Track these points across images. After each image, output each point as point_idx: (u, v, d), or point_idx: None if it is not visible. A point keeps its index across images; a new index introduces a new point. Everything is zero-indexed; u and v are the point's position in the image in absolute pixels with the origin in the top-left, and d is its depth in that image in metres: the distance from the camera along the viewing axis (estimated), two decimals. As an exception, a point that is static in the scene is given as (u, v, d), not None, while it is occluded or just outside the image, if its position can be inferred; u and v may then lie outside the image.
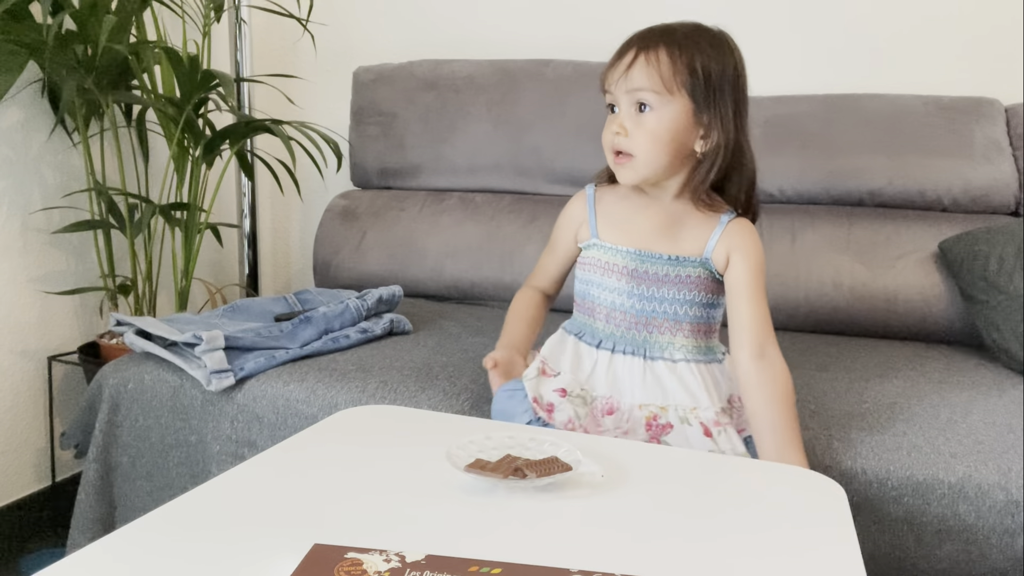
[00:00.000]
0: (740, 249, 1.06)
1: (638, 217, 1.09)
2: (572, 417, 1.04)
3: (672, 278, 1.06)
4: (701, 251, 1.06)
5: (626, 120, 1.04)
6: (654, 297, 1.07)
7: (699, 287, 1.07)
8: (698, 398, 1.04)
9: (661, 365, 1.06)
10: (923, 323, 1.58)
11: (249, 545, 0.64)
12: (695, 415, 1.03)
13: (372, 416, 0.97)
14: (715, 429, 1.02)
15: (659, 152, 1.03)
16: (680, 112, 1.02)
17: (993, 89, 1.74)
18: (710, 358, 1.08)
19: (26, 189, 1.67)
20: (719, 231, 1.06)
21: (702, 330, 1.08)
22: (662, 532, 0.68)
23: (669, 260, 1.06)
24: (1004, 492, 1.00)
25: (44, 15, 1.43)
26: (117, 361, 1.38)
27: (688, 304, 1.06)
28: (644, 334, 1.07)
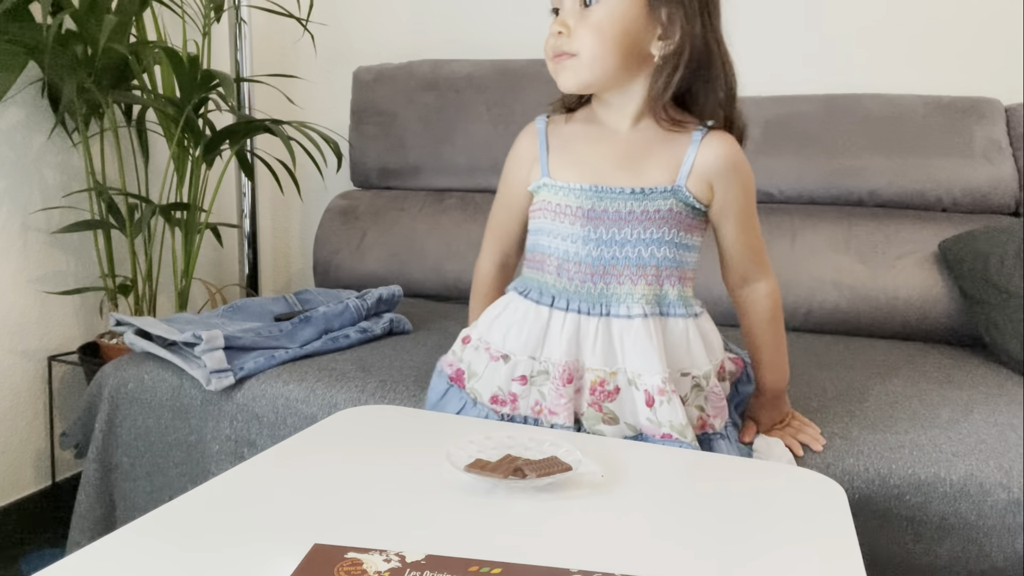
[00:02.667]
0: (723, 175, 0.93)
1: (595, 149, 0.96)
2: (539, 399, 0.96)
3: (637, 215, 0.93)
4: (672, 179, 0.92)
5: (569, 17, 0.90)
6: (614, 241, 0.93)
7: (669, 223, 0.93)
8: (648, 362, 0.92)
9: (616, 324, 0.93)
10: (923, 323, 1.58)
11: (249, 545, 0.64)
12: (642, 380, 0.92)
13: (372, 416, 0.97)
14: (659, 398, 0.92)
15: (606, 51, 0.89)
16: (632, 3, 0.88)
17: (993, 89, 1.74)
18: (672, 312, 0.95)
19: (26, 189, 1.67)
20: (692, 151, 0.93)
21: (673, 275, 0.95)
22: (662, 532, 0.68)
23: (632, 194, 0.92)
24: (1006, 491, 1.00)
25: (44, 15, 1.43)
26: (117, 361, 1.38)
27: (655, 244, 0.93)
28: (600, 286, 0.94)
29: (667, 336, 0.95)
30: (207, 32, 1.78)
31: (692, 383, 0.95)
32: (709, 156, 0.93)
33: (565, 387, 0.94)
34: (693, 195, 0.93)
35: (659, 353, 0.92)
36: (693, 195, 0.93)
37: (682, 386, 0.95)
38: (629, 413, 0.94)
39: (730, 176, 0.95)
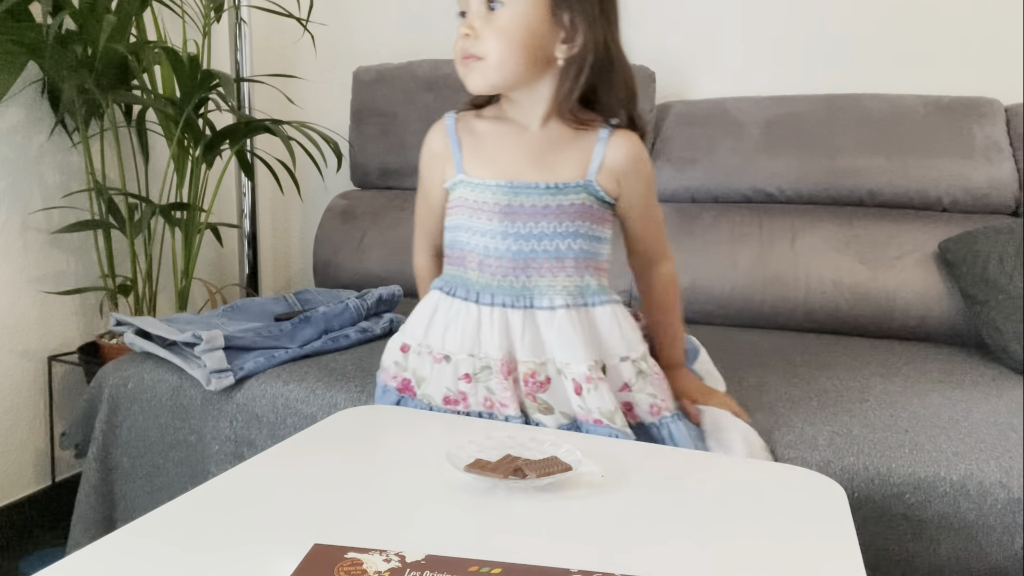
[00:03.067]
0: (629, 171, 0.97)
1: (507, 147, 0.98)
2: (487, 394, 0.98)
3: (552, 209, 0.95)
4: (583, 174, 0.96)
5: (475, 20, 0.92)
6: (531, 234, 0.96)
7: (582, 216, 0.96)
8: (573, 351, 0.95)
9: (540, 315, 0.96)
10: (923, 323, 1.58)
11: (249, 545, 0.64)
12: (569, 369, 0.95)
13: (372, 416, 0.97)
14: (586, 386, 0.95)
15: (512, 54, 0.92)
16: (535, 8, 0.91)
17: (993, 89, 1.74)
18: (596, 301, 0.98)
19: (26, 189, 1.67)
20: (600, 149, 0.96)
21: (591, 267, 0.98)
22: (662, 532, 0.68)
23: (547, 188, 0.95)
24: (1006, 491, 1.00)
25: (44, 15, 1.43)
26: (117, 361, 1.38)
27: (571, 237, 0.96)
28: (522, 279, 0.96)
29: (595, 325, 0.98)
30: (207, 32, 1.78)
31: (635, 368, 0.98)
32: (617, 154, 0.97)
33: (507, 379, 0.96)
34: (603, 189, 0.97)
35: (583, 342, 0.95)
36: (603, 189, 0.97)
37: (625, 372, 0.98)
38: (562, 402, 0.97)
39: (635, 172, 0.99)
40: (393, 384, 1.06)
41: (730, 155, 1.77)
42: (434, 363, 1.00)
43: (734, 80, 1.92)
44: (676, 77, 1.95)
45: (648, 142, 1.84)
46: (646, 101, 1.83)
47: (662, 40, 1.95)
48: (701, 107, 1.85)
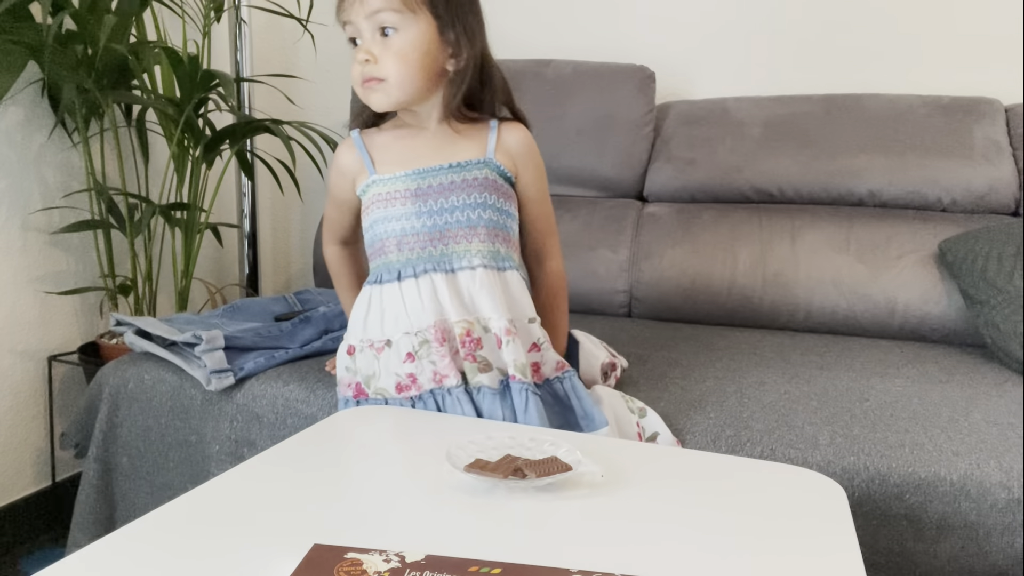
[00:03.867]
0: (522, 155, 1.09)
1: (411, 145, 1.08)
2: (433, 369, 1.03)
3: (458, 184, 1.05)
4: (483, 153, 1.07)
5: (372, 47, 1.01)
6: (443, 209, 1.05)
7: (487, 188, 1.06)
8: (494, 307, 1.04)
9: (463, 276, 1.04)
10: (923, 323, 1.58)
11: (249, 545, 0.64)
12: (491, 323, 1.04)
13: (372, 416, 0.97)
14: (505, 338, 1.03)
15: (411, 73, 1.02)
16: (425, 31, 1.01)
17: (993, 89, 1.74)
18: (507, 265, 1.07)
19: (26, 189, 1.67)
20: (494, 134, 1.08)
21: (500, 237, 1.07)
22: (662, 532, 0.68)
23: (452, 167, 1.06)
24: (1006, 490, 1.00)
25: (44, 15, 1.43)
26: (117, 361, 1.38)
27: (480, 208, 1.05)
28: (440, 248, 1.05)
29: (508, 286, 1.06)
30: (207, 32, 1.78)
31: (541, 331, 1.08)
32: (510, 138, 1.08)
33: (441, 347, 1.03)
34: (503, 165, 1.08)
35: (502, 299, 1.04)
36: (503, 165, 1.08)
37: (535, 332, 1.07)
38: (495, 357, 1.04)
39: (527, 157, 1.10)
40: (349, 393, 1.09)
41: (730, 155, 1.77)
42: (377, 354, 1.06)
43: (734, 80, 1.92)
44: (676, 77, 1.95)
45: (648, 142, 1.84)
46: (646, 101, 1.83)
47: (662, 40, 1.95)
48: (701, 107, 1.85)
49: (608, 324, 1.63)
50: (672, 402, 1.18)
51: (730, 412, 1.15)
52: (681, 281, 1.68)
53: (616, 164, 1.83)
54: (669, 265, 1.70)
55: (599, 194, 1.87)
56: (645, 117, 1.83)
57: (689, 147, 1.80)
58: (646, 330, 1.59)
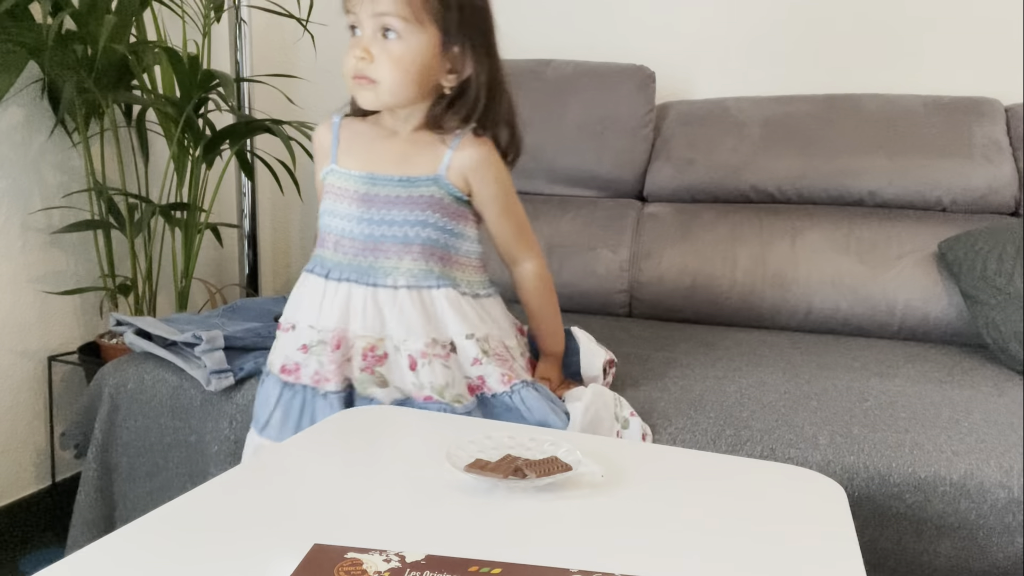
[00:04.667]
0: (476, 172, 1.06)
1: (376, 146, 1.08)
2: (317, 368, 1.06)
3: (403, 199, 1.05)
4: (435, 170, 1.05)
5: (371, 45, 1.00)
6: (383, 220, 1.05)
7: (432, 207, 1.05)
8: (411, 328, 1.04)
9: (383, 293, 1.05)
10: (923, 323, 1.58)
11: (249, 545, 0.64)
12: (406, 346, 1.04)
13: (372, 416, 0.97)
14: (420, 360, 1.03)
15: (405, 83, 1.01)
16: (428, 43, 1.01)
17: (993, 89, 1.74)
18: (439, 284, 1.06)
19: (26, 189, 1.67)
20: (450, 152, 1.05)
21: (436, 255, 1.06)
22: (662, 532, 0.68)
23: (400, 181, 1.05)
24: (1006, 490, 1.00)
25: (44, 15, 1.43)
26: (117, 361, 1.38)
27: (420, 226, 1.05)
28: (370, 259, 1.06)
29: (434, 305, 1.06)
30: (207, 32, 1.78)
31: (479, 347, 1.07)
32: (462, 156, 1.06)
33: (334, 353, 1.05)
34: (453, 184, 1.06)
35: (422, 321, 1.05)
36: (453, 184, 1.06)
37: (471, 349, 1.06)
38: (397, 377, 1.05)
39: (482, 173, 1.07)
40: None
41: (730, 155, 1.77)
42: (282, 332, 1.11)
43: (734, 80, 1.92)
44: (676, 77, 1.95)
45: (648, 142, 1.84)
46: (646, 101, 1.83)
47: (662, 40, 1.95)
48: (701, 107, 1.85)
49: (608, 324, 1.63)
50: (672, 402, 1.18)
51: (730, 412, 1.15)
52: (681, 281, 1.68)
53: (616, 164, 1.83)
54: (669, 265, 1.70)
55: (599, 194, 1.87)
56: (645, 117, 1.83)
57: (689, 147, 1.80)
58: (646, 330, 1.59)
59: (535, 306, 1.17)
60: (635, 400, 1.18)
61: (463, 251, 1.10)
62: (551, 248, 1.75)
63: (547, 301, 1.17)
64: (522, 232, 1.14)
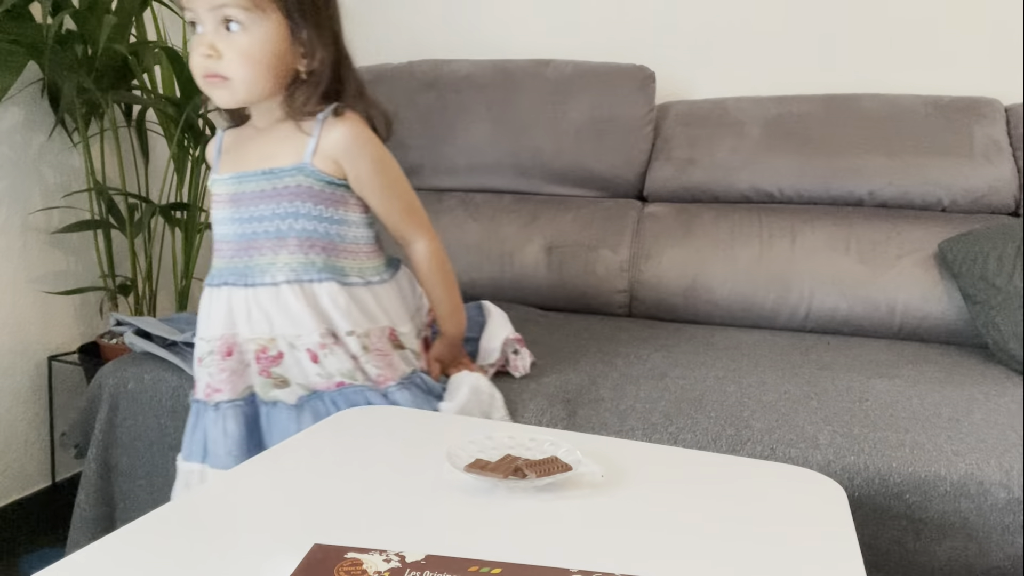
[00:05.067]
0: (346, 153, 1.02)
1: (248, 145, 1.06)
2: (208, 380, 1.05)
3: (269, 192, 1.02)
4: (299, 159, 1.01)
5: (216, 40, 0.96)
6: (253, 217, 1.03)
7: (302, 197, 1.02)
8: (301, 324, 1.02)
9: (263, 292, 1.02)
10: (923, 323, 1.58)
11: (249, 545, 0.64)
12: (300, 341, 1.02)
13: (372, 416, 0.97)
14: (321, 352, 1.02)
15: (259, 75, 0.97)
16: (276, 30, 0.97)
17: (993, 89, 1.74)
18: (321, 277, 1.03)
19: (26, 189, 1.67)
20: (315, 135, 1.01)
21: (318, 246, 1.03)
22: (662, 532, 0.68)
23: (264, 174, 1.02)
24: (1006, 490, 1.00)
25: (44, 15, 1.43)
26: (117, 361, 1.38)
27: (292, 217, 1.02)
28: (245, 259, 1.03)
29: (318, 300, 1.03)
30: (207, 32, 1.77)
31: (360, 343, 1.04)
32: (329, 137, 1.01)
33: (225, 360, 1.04)
34: (321, 170, 1.02)
35: (310, 313, 1.02)
36: (321, 170, 1.02)
37: (352, 346, 1.04)
38: (299, 374, 1.04)
39: (353, 153, 1.02)
40: None
41: (730, 155, 1.77)
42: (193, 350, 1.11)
43: (734, 80, 1.92)
44: (676, 77, 1.95)
45: (648, 142, 1.84)
46: (646, 101, 1.83)
47: (662, 40, 1.95)
48: (701, 107, 1.85)
49: (608, 324, 1.63)
50: (672, 402, 1.18)
51: (730, 412, 1.15)
52: (681, 281, 1.68)
53: (616, 164, 1.83)
54: (669, 265, 1.70)
55: (599, 194, 1.87)
56: (645, 117, 1.83)
57: (689, 147, 1.80)
58: (646, 330, 1.59)
59: (429, 287, 1.14)
60: (635, 400, 1.18)
61: (350, 238, 1.06)
62: (551, 248, 1.75)
63: (441, 281, 1.13)
64: (410, 210, 1.10)
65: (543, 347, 1.40)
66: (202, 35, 0.97)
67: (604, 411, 1.16)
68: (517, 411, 1.16)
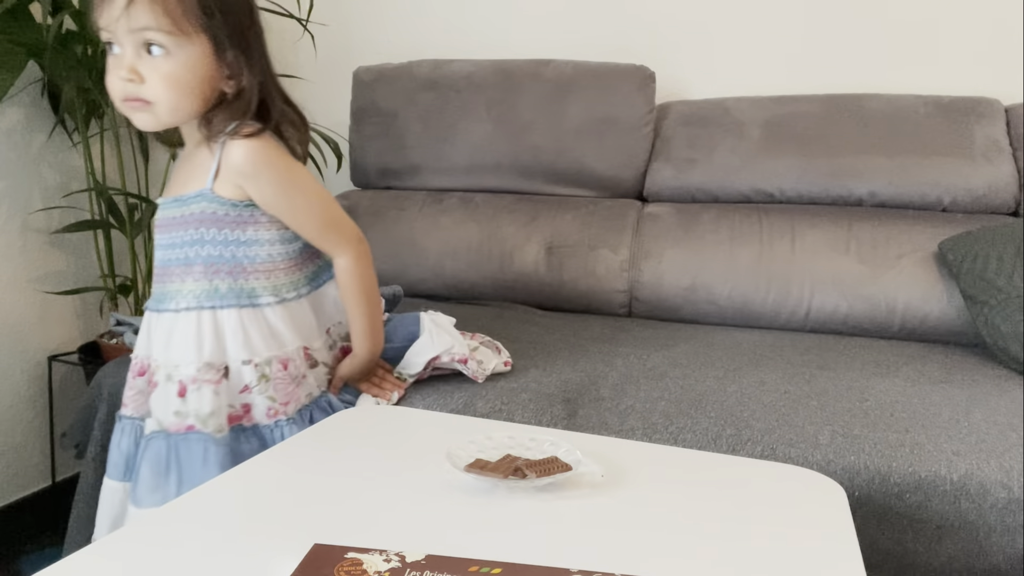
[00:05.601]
0: (247, 175, 0.99)
1: (177, 169, 1.06)
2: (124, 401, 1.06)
3: (178, 220, 1.02)
4: (202, 184, 1.00)
5: (137, 64, 0.93)
6: (169, 244, 1.03)
7: (205, 224, 1.00)
8: (182, 354, 1.00)
9: (165, 319, 1.02)
10: (923, 323, 1.58)
11: (249, 545, 0.64)
12: (178, 371, 1.00)
13: (372, 416, 0.97)
14: (191, 387, 0.99)
15: (184, 99, 0.96)
16: (200, 54, 0.95)
17: (993, 89, 1.74)
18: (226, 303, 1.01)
19: (26, 189, 1.67)
20: (216, 158, 0.99)
21: (223, 271, 1.01)
22: (662, 532, 0.68)
23: (174, 201, 1.02)
24: (1006, 490, 1.00)
25: (44, 15, 1.43)
26: (117, 361, 1.38)
27: (197, 244, 1.01)
28: (161, 286, 1.04)
29: (220, 327, 1.01)
30: (207, 32, 1.77)
31: (257, 372, 1.01)
32: (229, 162, 0.99)
33: (135, 379, 1.05)
34: (223, 195, 1.00)
35: (195, 345, 1.00)
36: (223, 195, 1.00)
37: (246, 375, 1.01)
38: (159, 407, 1.01)
39: (253, 174, 1.00)
40: None
41: (730, 155, 1.77)
42: None
43: (734, 80, 1.92)
44: (676, 77, 1.95)
45: (648, 142, 1.84)
46: (646, 101, 1.83)
47: (662, 40, 1.95)
48: (701, 107, 1.85)
49: (608, 324, 1.63)
50: (672, 402, 1.18)
51: (730, 412, 1.15)
52: (681, 281, 1.68)
53: (616, 164, 1.83)
54: (669, 265, 1.70)
55: (599, 194, 1.87)
56: (645, 117, 1.83)
57: (689, 147, 1.80)
58: (646, 330, 1.59)
59: (345, 305, 1.11)
60: (635, 400, 1.18)
61: (262, 258, 1.03)
62: (551, 248, 1.75)
63: (357, 300, 1.10)
64: (328, 227, 1.06)
65: (543, 347, 1.40)
66: (120, 57, 0.94)
67: (604, 411, 1.16)
68: (517, 411, 1.16)
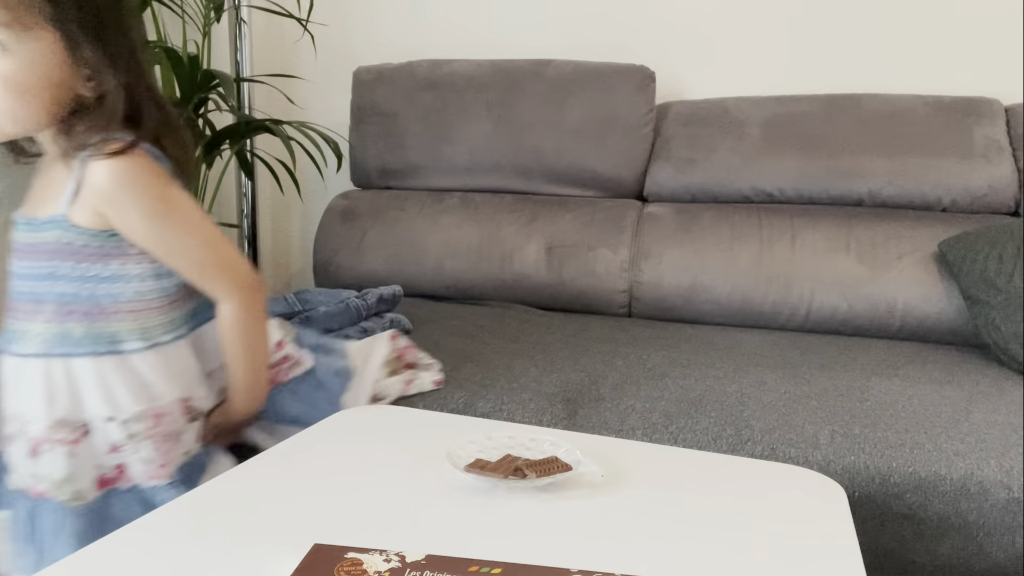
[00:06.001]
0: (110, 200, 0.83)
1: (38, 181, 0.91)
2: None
3: (29, 247, 0.86)
4: (58, 208, 0.84)
5: None
6: (17, 274, 0.87)
7: (61, 256, 0.84)
8: (35, 406, 0.85)
9: (13, 363, 0.87)
10: (923, 323, 1.58)
11: (249, 545, 0.64)
12: (28, 427, 0.85)
13: (372, 416, 0.97)
14: (44, 447, 0.84)
15: (26, 105, 0.81)
16: (48, 51, 0.80)
17: (993, 89, 1.74)
18: (79, 351, 0.85)
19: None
20: (75, 177, 0.84)
21: (78, 313, 0.85)
22: (662, 532, 0.68)
23: (27, 224, 0.86)
24: (1006, 490, 1.00)
25: (44, 15, 1.42)
26: None
27: (49, 279, 0.85)
28: (9, 321, 0.88)
29: (75, 378, 0.86)
30: (207, 32, 1.78)
31: (125, 430, 0.87)
32: (89, 185, 0.83)
33: None
34: (80, 224, 0.84)
35: (45, 398, 0.85)
36: (80, 224, 0.84)
37: (112, 434, 0.87)
38: (19, 463, 0.87)
39: (117, 201, 0.84)
40: None
41: (730, 155, 1.77)
42: None
43: (734, 80, 1.92)
44: (676, 77, 1.95)
45: (648, 142, 1.84)
46: (646, 101, 1.83)
47: (662, 40, 1.95)
48: (701, 107, 1.85)
49: (608, 324, 1.63)
50: (672, 402, 1.18)
51: (730, 412, 1.15)
52: (681, 281, 1.68)
53: (616, 164, 1.83)
54: (669, 265, 1.70)
55: (599, 194, 1.87)
56: (645, 117, 1.83)
57: (689, 147, 1.80)
58: (646, 330, 1.59)
59: (229, 357, 0.94)
60: (635, 400, 1.18)
61: (128, 296, 0.87)
62: (551, 248, 1.75)
63: (236, 354, 0.94)
64: (209, 267, 0.90)
65: (543, 347, 1.40)
66: None
67: (604, 411, 1.16)
68: (517, 411, 1.16)
